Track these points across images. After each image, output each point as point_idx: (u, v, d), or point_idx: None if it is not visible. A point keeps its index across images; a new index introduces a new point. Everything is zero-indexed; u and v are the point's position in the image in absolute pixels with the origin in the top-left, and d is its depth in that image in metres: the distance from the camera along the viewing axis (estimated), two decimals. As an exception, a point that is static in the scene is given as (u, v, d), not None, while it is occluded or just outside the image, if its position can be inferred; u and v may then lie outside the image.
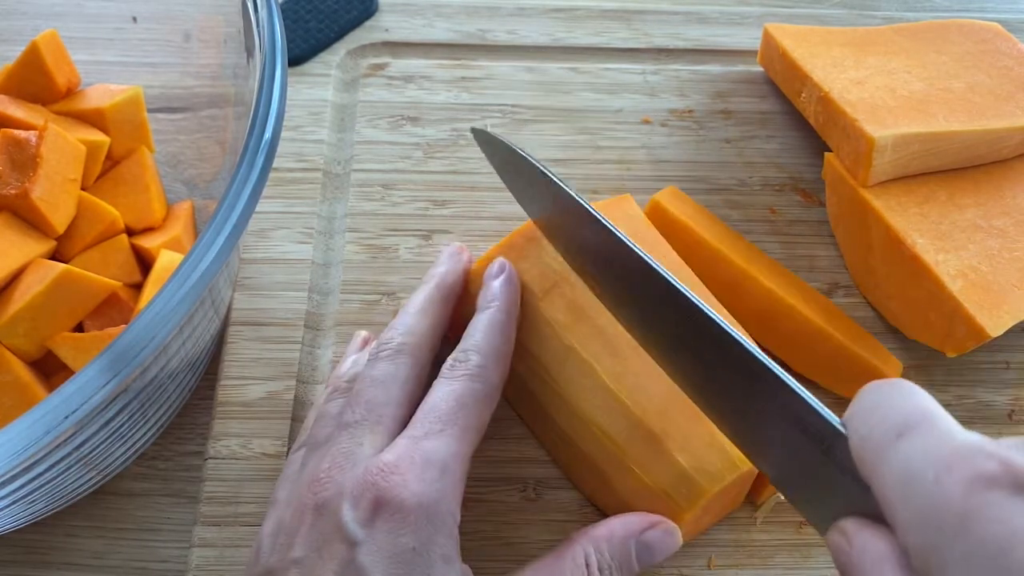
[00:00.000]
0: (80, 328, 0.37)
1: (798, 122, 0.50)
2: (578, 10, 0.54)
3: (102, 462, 0.33)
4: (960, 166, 0.43)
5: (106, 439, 0.31)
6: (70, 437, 0.27)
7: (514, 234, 0.39)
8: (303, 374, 0.41)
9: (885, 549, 0.22)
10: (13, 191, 0.37)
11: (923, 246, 0.40)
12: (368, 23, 0.53)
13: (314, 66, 0.51)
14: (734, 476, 0.32)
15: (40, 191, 0.37)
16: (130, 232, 0.41)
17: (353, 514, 0.29)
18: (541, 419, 0.38)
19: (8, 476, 0.26)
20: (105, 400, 0.26)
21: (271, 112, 0.31)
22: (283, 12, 0.41)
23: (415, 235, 0.45)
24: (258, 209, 0.30)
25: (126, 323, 0.35)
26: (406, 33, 0.53)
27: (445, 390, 0.32)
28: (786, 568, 0.37)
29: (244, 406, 0.39)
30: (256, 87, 0.32)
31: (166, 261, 0.38)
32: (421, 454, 0.30)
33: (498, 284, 0.36)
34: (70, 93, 0.42)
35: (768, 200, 0.47)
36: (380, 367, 0.34)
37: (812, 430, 0.26)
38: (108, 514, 0.37)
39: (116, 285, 0.37)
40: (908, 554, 0.21)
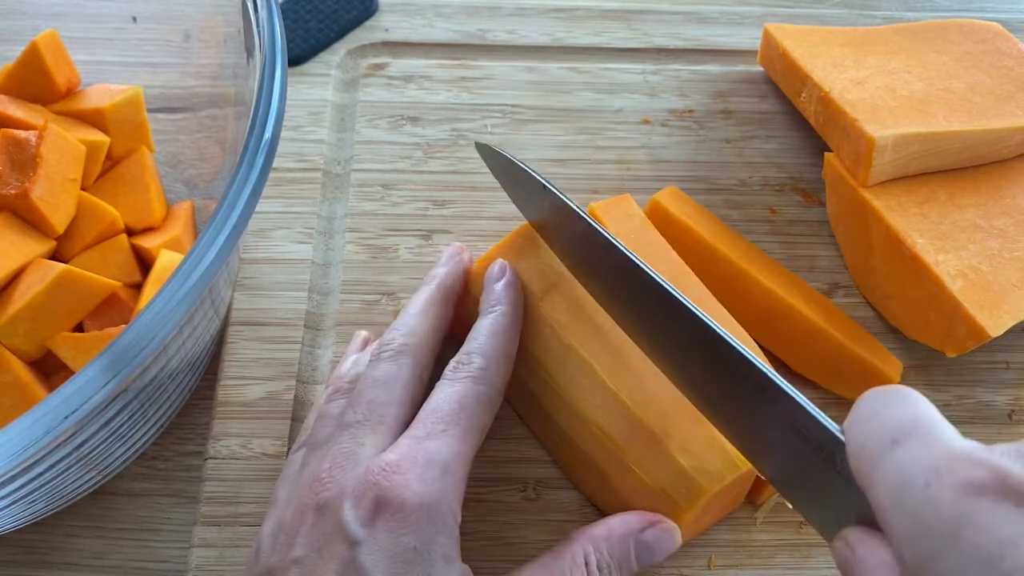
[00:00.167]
0: (80, 328, 0.37)
1: (798, 122, 0.50)
2: (578, 10, 0.54)
3: (102, 462, 0.33)
4: (960, 166, 0.43)
5: (106, 439, 0.31)
6: (70, 437, 0.27)
7: (513, 234, 0.39)
8: (303, 374, 0.41)
9: (885, 558, 0.22)
10: (13, 191, 0.37)
11: (923, 246, 0.40)
12: (368, 23, 0.53)
13: (314, 66, 0.51)
14: (734, 476, 0.32)
15: (40, 191, 0.37)
16: (130, 232, 0.41)
17: (354, 514, 0.29)
18: (541, 419, 0.38)
19: (8, 476, 0.26)
20: (105, 400, 0.26)
21: (271, 112, 0.31)
22: (283, 12, 0.41)
23: (415, 235, 0.45)
24: (258, 209, 0.30)
25: (126, 323, 0.35)
26: (406, 33, 0.53)
27: (448, 391, 0.32)
28: (786, 568, 0.37)
29: (244, 406, 0.39)
30: (256, 87, 0.32)
31: (166, 261, 0.38)
32: (423, 454, 0.30)
33: (501, 287, 0.36)
34: (70, 93, 0.42)
35: (768, 200, 0.47)
36: (382, 368, 0.34)
37: (812, 438, 0.26)
38: (108, 514, 0.37)
39: (116, 285, 0.37)
40: (903, 563, 0.21)
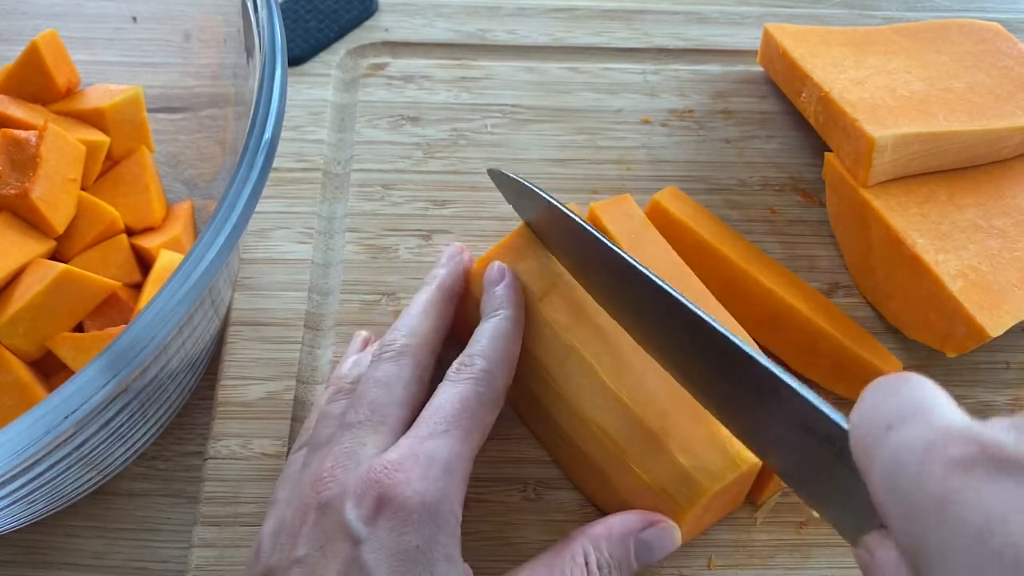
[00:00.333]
0: (80, 328, 0.37)
1: (798, 122, 0.50)
2: (578, 10, 0.54)
3: (102, 462, 0.33)
4: (960, 166, 0.43)
5: (106, 439, 0.31)
6: (70, 437, 0.27)
7: (513, 234, 0.39)
8: (303, 374, 0.41)
9: (894, 555, 0.21)
10: (13, 191, 0.37)
11: (923, 246, 0.40)
12: (368, 23, 0.53)
13: (314, 66, 0.51)
14: (735, 475, 0.32)
15: (40, 191, 0.37)
16: (130, 232, 0.41)
17: (356, 512, 0.29)
18: (541, 419, 0.38)
19: (8, 476, 0.26)
20: (105, 400, 0.26)
21: (271, 112, 0.31)
22: (283, 12, 0.41)
23: (415, 235, 0.45)
24: (258, 209, 0.30)
25: (126, 323, 0.35)
26: (406, 33, 0.53)
27: (450, 392, 0.32)
28: (786, 568, 0.37)
29: (244, 406, 0.39)
30: (256, 87, 0.32)
31: (166, 261, 0.38)
32: (425, 453, 0.30)
33: (502, 290, 0.36)
34: (70, 93, 0.42)
35: (768, 200, 0.47)
36: (383, 368, 0.34)
37: (820, 432, 0.25)
38: (108, 514, 0.37)
39: (116, 285, 0.37)
40: (903, 553, 0.20)
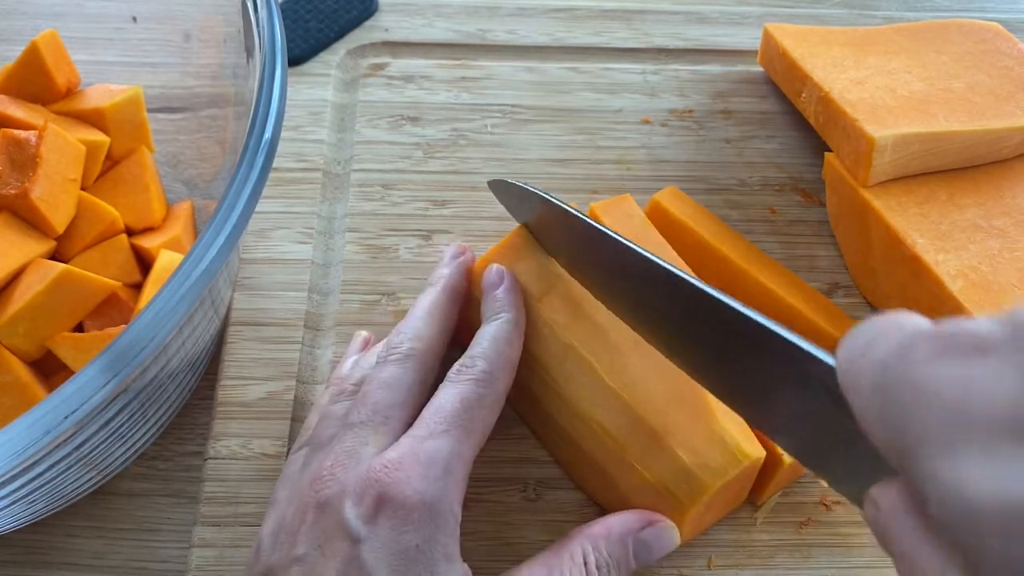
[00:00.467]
0: (80, 328, 0.37)
1: (798, 122, 0.50)
2: (578, 10, 0.54)
3: (102, 462, 0.33)
4: (960, 166, 0.43)
5: (106, 439, 0.31)
6: (70, 437, 0.27)
7: (511, 235, 0.39)
8: (303, 374, 0.41)
9: (897, 497, 0.20)
10: (13, 191, 0.37)
11: (923, 246, 0.40)
12: (368, 23, 0.53)
13: (314, 66, 0.51)
14: (736, 471, 0.32)
15: (40, 191, 0.37)
16: (130, 232, 0.41)
17: (356, 511, 0.29)
18: (542, 418, 0.38)
19: (8, 476, 0.26)
20: (105, 400, 0.26)
21: (271, 112, 0.31)
22: (283, 12, 0.41)
23: (415, 235, 0.45)
24: (258, 209, 0.30)
25: (126, 323, 0.35)
26: (406, 33, 0.53)
27: (451, 392, 0.32)
28: (787, 568, 0.37)
29: (244, 406, 0.39)
30: (256, 87, 0.32)
31: (166, 261, 0.38)
32: (425, 453, 0.30)
33: (502, 293, 0.36)
34: (70, 93, 0.42)
35: (768, 200, 0.47)
36: (388, 370, 0.34)
37: (816, 380, 0.24)
38: (108, 514, 0.37)
39: (116, 285, 0.37)
40: (900, 472, 0.20)
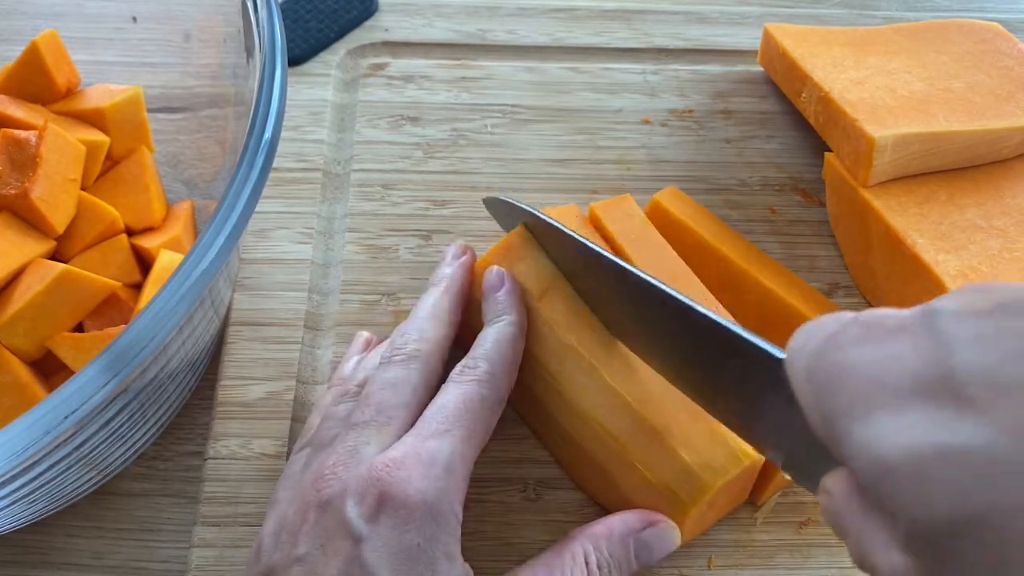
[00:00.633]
0: (80, 328, 0.37)
1: (798, 122, 0.50)
2: (578, 10, 0.54)
3: (102, 462, 0.33)
4: (960, 166, 0.43)
5: (106, 439, 0.31)
6: (70, 437, 0.27)
7: (511, 235, 0.39)
8: (303, 374, 0.41)
9: (845, 481, 0.22)
10: (13, 191, 0.37)
11: (923, 246, 0.40)
12: (368, 23, 0.53)
13: (314, 66, 0.51)
14: (738, 470, 0.32)
15: (40, 191, 0.37)
16: (130, 232, 0.41)
17: (357, 510, 0.29)
18: (542, 418, 0.38)
19: (8, 476, 0.26)
20: (105, 400, 0.26)
21: (271, 112, 0.31)
22: (283, 12, 0.41)
23: (415, 235, 0.45)
24: (258, 209, 0.30)
25: (126, 323, 0.35)
26: (406, 33, 0.53)
27: (454, 392, 0.32)
28: (787, 568, 0.37)
29: (244, 406, 0.39)
30: (256, 87, 0.32)
31: (166, 261, 0.38)
32: (427, 452, 0.30)
33: (504, 296, 0.36)
34: (70, 93, 0.42)
35: (768, 200, 0.47)
36: (392, 371, 0.34)
37: (773, 376, 0.25)
38: (108, 514, 0.37)
39: (116, 285, 0.37)
40: (851, 481, 0.22)
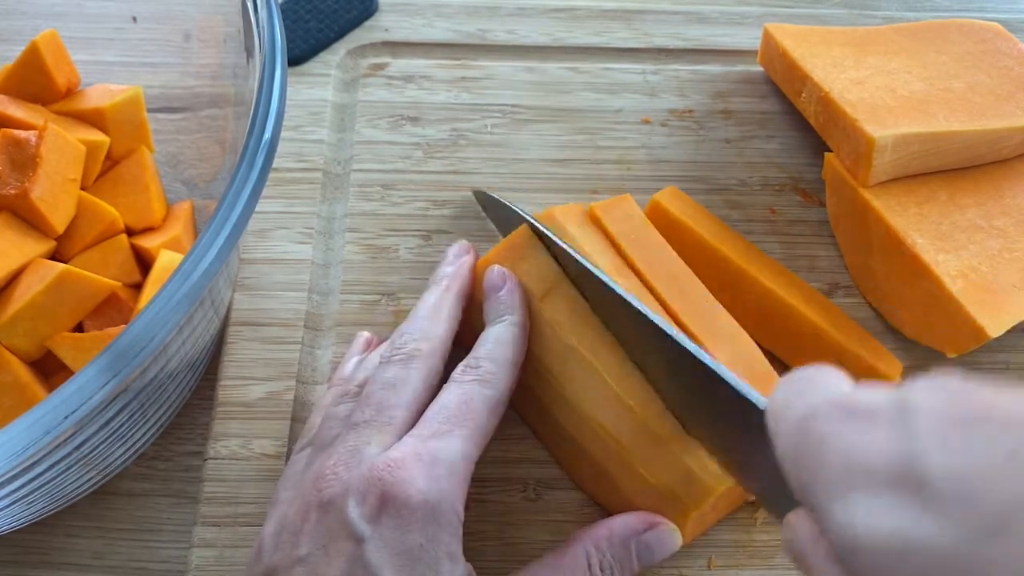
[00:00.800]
0: (80, 328, 0.37)
1: (798, 122, 0.50)
2: (578, 10, 0.54)
3: (102, 462, 0.33)
4: (960, 166, 0.43)
5: (106, 439, 0.31)
6: (70, 437, 0.27)
7: (513, 235, 0.39)
8: (303, 374, 0.41)
9: (811, 526, 0.23)
10: (13, 191, 0.37)
11: (923, 246, 0.40)
12: (368, 23, 0.53)
13: (314, 66, 0.51)
14: None
15: (40, 191, 0.37)
16: (130, 232, 0.41)
17: (359, 510, 0.29)
18: (543, 419, 0.38)
19: (8, 476, 0.26)
20: (105, 400, 0.26)
21: (271, 112, 0.31)
22: (283, 12, 0.41)
23: (415, 235, 0.45)
24: (258, 209, 0.30)
25: (126, 323, 0.35)
26: (406, 33, 0.53)
27: (455, 392, 0.32)
28: (786, 568, 0.37)
29: (244, 406, 0.39)
30: (256, 87, 0.32)
31: (166, 261, 0.38)
32: (428, 452, 0.30)
33: (506, 296, 0.36)
34: (70, 93, 0.42)
35: (768, 200, 0.47)
36: (392, 371, 0.34)
37: (758, 425, 0.26)
38: (108, 514, 0.37)
39: (116, 285, 0.37)
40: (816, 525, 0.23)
